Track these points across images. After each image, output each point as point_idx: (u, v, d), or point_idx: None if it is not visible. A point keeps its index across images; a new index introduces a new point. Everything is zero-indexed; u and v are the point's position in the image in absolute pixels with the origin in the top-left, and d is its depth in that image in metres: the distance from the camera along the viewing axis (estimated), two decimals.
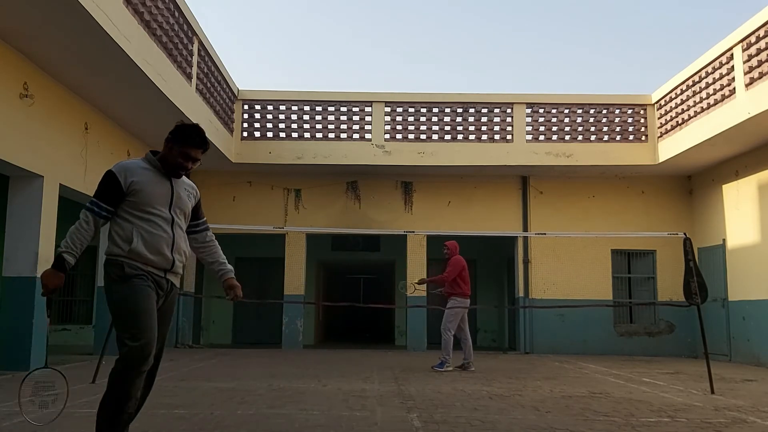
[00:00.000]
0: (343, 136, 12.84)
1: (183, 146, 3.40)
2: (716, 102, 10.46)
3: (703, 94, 10.87)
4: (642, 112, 12.78)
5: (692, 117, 11.19)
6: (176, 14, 9.31)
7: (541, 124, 12.85)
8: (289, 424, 4.69)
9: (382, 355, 11.99)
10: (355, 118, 12.91)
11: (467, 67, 40.12)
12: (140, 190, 3.30)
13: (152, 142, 11.30)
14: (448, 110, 12.94)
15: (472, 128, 12.84)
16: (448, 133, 12.87)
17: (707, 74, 10.80)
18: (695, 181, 13.31)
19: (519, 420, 5.02)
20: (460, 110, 12.91)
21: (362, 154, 12.70)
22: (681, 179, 13.56)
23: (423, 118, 12.88)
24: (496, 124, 12.90)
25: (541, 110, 12.90)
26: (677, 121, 11.74)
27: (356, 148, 12.76)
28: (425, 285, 10.43)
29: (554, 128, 12.87)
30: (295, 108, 12.93)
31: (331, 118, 12.95)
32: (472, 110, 12.90)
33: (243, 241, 15.17)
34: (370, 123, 12.88)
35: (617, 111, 12.88)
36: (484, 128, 12.85)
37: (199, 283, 14.42)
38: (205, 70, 10.84)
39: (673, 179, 13.53)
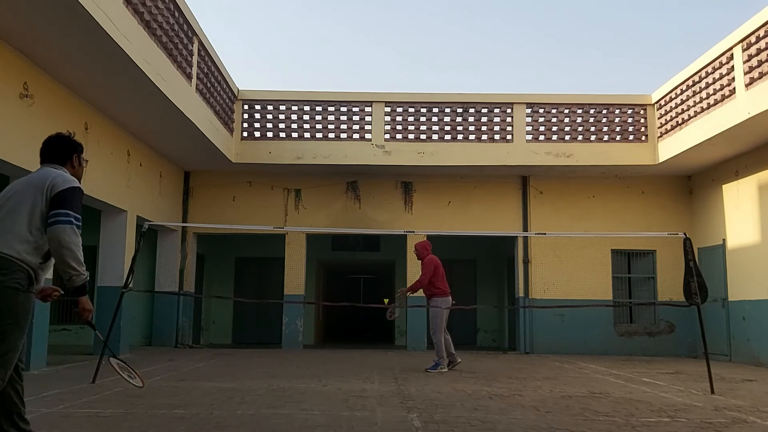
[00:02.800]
0: (343, 136, 12.84)
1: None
2: (716, 102, 10.46)
3: (703, 94, 10.87)
4: (642, 112, 12.78)
5: (692, 117, 11.19)
6: (176, 14, 9.31)
7: (541, 124, 12.85)
8: (289, 424, 4.69)
9: (382, 355, 11.98)
10: (355, 118, 12.90)
11: (467, 67, 40.12)
12: None
13: (152, 142, 11.31)
14: (448, 110, 12.93)
15: (472, 128, 12.83)
16: (448, 133, 12.86)
17: (707, 74, 10.80)
18: (695, 181, 13.31)
19: (519, 420, 5.02)
20: (460, 110, 12.90)
21: (362, 154, 12.70)
22: (681, 179, 13.55)
23: (423, 118, 12.87)
24: (496, 124, 12.89)
25: (541, 110, 12.89)
26: (677, 121, 11.74)
27: (356, 148, 12.75)
28: (407, 293, 10.13)
29: (554, 128, 12.86)
30: (295, 108, 12.92)
31: (331, 118, 12.94)
32: (472, 110, 12.89)
33: (243, 241, 15.19)
34: (370, 123, 12.87)
35: (617, 111, 12.87)
36: (484, 128, 12.84)
37: (199, 283, 14.42)
38: (205, 70, 10.84)
39: (673, 179, 13.53)
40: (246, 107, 12.92)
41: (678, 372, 9.35)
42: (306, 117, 12.89)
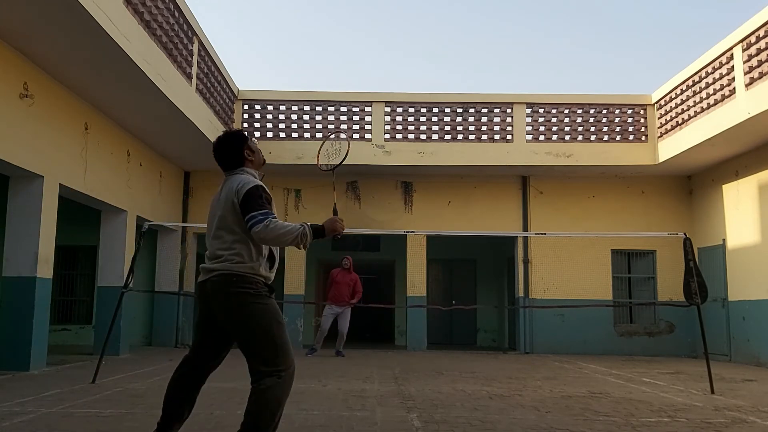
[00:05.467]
0: (343, 136, 12.82)
1: None
2: (716, 102, 10.46)
3: (703, 94, 10.87)
4: (642, 112, 12.78)
5: (692, 117, 11.19)
6: (176, 14, 9.31)
7: (541, 124, 12.84)
8: (289, 424, 4.69)
9: (382, 355, 11.98)
10: (355, 118, 12.90)
11: (467, 67, 40.13)
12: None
13: (152, 142, 11.30)
14: (448, 110, 12.93)
15: (472, 128, 12.83)
16: (448, 133, 12.86)
17: (707, 74, 10.80)
18: (695, 181, 13.31)
19: (519, 420, 5.02)
20: (460, 110, 12.90)
21: (362, 154, 12.68)
22: (681, 179, 13.55)
23: (423, 118, 12.87)
24: (496, 124, 12.89)
25: (541, 110, 12.89)
26: (677, 121, 11.73)
27: (356, 148, 12.72)
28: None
29: (554, 128, 12.86)
30: (295, 108, 12.92)
31: (331, 118, 12.95)
32: (472, 110, 12.89)
33: None
34: (370, 123, 12.86)
35: (617, 111, 12.87)
36: (484, 128, 12.84)
37: None
38: (205, 70, 10.83)
39: (673, 179, 13.53)
40: (246, 107, 12.92)
41: (678, 372, 9.35)
42: (306, 117, 12.89)
